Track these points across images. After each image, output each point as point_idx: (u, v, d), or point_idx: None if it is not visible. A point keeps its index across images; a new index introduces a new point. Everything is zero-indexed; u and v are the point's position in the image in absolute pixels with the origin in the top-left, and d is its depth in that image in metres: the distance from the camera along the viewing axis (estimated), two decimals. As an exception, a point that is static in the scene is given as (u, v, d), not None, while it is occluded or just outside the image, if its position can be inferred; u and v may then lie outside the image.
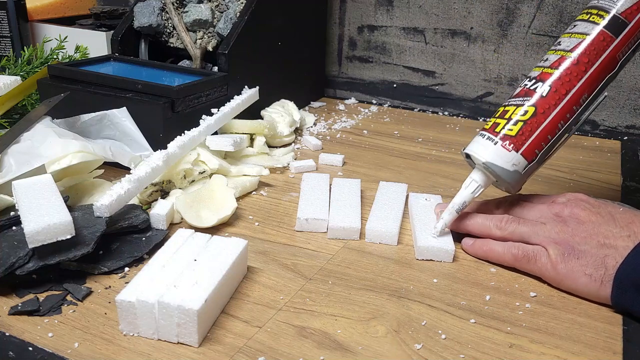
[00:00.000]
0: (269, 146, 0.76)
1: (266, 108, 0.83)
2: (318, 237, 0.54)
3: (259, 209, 0.60)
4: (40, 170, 0.54)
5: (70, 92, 0.69)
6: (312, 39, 1.00)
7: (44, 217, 0.44)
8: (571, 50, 0.49)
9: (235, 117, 0.73)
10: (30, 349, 0.38)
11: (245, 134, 0.72)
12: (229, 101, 0.73)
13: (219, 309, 0.42)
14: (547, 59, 0.51)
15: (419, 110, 1.01)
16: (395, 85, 1.04)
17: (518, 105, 0.50)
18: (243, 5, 0.81)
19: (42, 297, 0.43)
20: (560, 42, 0.51)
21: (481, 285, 0.47)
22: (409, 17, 0.99)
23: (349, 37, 1.06)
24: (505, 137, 0.50)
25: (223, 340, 0.40)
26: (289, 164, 0.71)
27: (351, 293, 0.45)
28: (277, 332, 0.40)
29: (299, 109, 0.90)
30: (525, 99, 0.50)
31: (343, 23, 1.05)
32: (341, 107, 1.00)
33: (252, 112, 0.79)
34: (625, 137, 0.87)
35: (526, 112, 0.49)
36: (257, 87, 0.79)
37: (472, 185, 0.51)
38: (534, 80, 0.50)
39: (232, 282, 0.45)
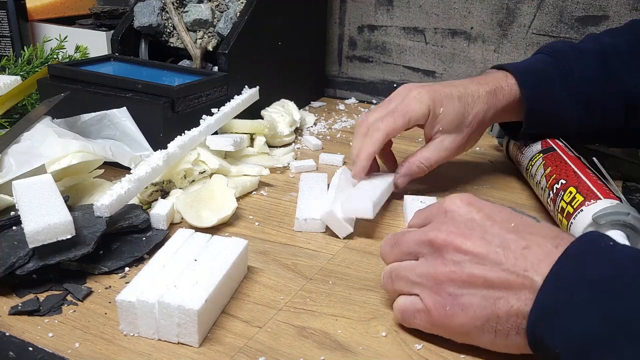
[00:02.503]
0: (269, 146, 0.76)
1: (266, 108, 0.83)
2: (318, 237, 0.54)
3: (259, 209, 0.60)
4: (40, 170, 0.54)
5: (70, 92, 0.69)
6: (312, 39, 1.00)
7: (44, 217, 0.44)
8: None
9: (235, 117, 0.73)
10: (31, 349, 0.38)
11: (246, 133, 0.72)
12: (229, 101, 0.73)
13: (219, 309, 0.42)
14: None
15: (419, 110, 1.01)
16: (395, 85, 1.04)
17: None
18: (243, 5, 0.81)
19: (42, 297, 0.43)
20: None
21: (481, 285, 0.47)
22: (409, 17, 0.99)
23: (349, 37, 1.06)
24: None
25: (223, 341, 0.39)
26: (289, 164, 0.71)
27: (351, 293, 0.45)
28: (277, 332, 0.40)
29: (299, 108, 0.90)
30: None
31: (343, 23, 1.05)
32: (341, 107, 1.00)
33: (252, 112, 0.79)
34: (626, 137, 0.87)
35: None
36: (257, 87, 0.79)
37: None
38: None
39: (232, 282, 0.44)
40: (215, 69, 0.81)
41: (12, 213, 0.50)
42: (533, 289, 0.34)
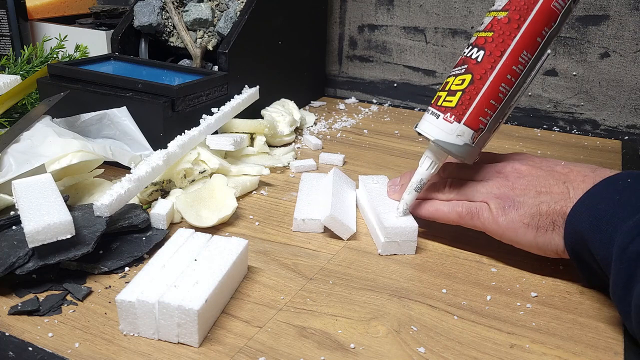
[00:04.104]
0: (269, 145, 0.76)
1: (266, 107, 0.83)
2: (318, 236, 0.54)
3: (259, 209, 0.60)
4: (40, 169, 0.54)
5: (70, 91, 0.68)
6: (312, 39, 1.00)
7: (44, 216, 0.44)
8: (502, 10, 0.47)
9: (235, 117, 0.73)
10: (30, 349, 0.38)
11: (246, 133, 0.72)
12: (229, 100, 0.73)
13: (220, 309, 0.42)
14: (483, 23, 0.50)
15: (420, 110, 1.01)
16: (395, 85, 1.04)
17: (457, 75, 0.49)
18: (243, 4, 0.80)
19: (42, 297, 0.43)
20: (494, 2, 0.49)
21: (482, 285, 0.47)
22: (409, 17, 0.99)
23: (349, 36, 1.06)
24: (445, 110, 0.48)
25: (223, 341, 0.39)
26: (289, 164, 0.71)
27: (352, 293, 0.45)
28: (277, 332, 0.40)
29: (299, 108, 0.90)
30: (462, 67, 0.49)
31: (343, 22, 1.05)
32: (341, 106, 1.00)
33: (252, 112, 0.79)
34: (626, 137, 0.87)
35: (463, 80, 0.48)
36: (258, 87, 0.79)
37: (426, 162, 0.51)
38: (470, 47, 0.49)
39: (232, 282, 0.44)
40: (216, 68, 0.81)
41: (12, 213, 0.50)
42: (570, 197, 0.44)
